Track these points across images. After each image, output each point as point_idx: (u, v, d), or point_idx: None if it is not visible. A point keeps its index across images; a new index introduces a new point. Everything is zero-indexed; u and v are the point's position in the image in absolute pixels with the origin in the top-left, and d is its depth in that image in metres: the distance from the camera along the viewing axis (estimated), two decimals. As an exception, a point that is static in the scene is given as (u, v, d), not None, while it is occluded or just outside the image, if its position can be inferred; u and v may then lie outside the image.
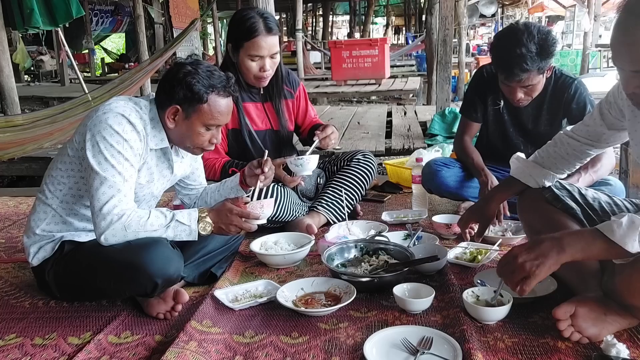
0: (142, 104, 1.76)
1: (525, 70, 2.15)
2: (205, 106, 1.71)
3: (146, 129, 1.73)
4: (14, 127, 4.84)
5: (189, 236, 1.70)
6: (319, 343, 1.56)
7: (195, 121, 1.73)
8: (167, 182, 1.94)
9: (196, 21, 7.31)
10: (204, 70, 1.71)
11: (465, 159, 2.60)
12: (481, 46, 17.92)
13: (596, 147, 1.77)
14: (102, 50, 18.20)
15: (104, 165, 1.63)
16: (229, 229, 1.75)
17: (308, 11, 24.56)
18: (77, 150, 1.72)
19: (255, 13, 2.35)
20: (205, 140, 1.78)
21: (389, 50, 10.89)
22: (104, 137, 1.64)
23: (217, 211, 1.74)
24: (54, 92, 10.44)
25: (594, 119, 1.72)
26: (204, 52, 17.61)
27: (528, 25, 2.20)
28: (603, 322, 1.47)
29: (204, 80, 1.70)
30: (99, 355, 1.54)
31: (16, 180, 5.08)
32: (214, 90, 1.72)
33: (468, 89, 2.72)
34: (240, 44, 2.34)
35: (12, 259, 2.39)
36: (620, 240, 1.31)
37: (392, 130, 5.80)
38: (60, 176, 1.78)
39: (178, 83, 1.69)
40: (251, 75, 2.40)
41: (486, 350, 1.47)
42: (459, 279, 1.93)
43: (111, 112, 1.67)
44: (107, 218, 1.61)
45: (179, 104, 1.71)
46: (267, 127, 2.57)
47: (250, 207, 1.77)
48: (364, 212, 2.81)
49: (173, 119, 1.74)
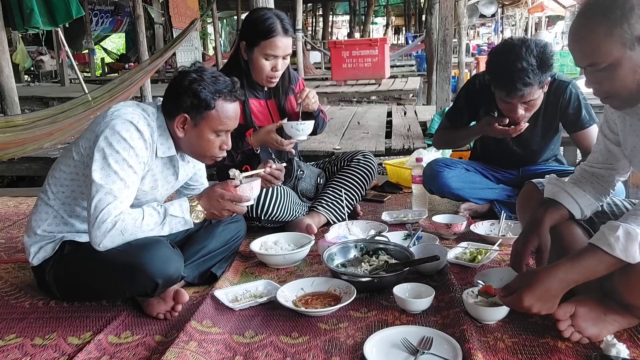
0: (149, 110, 1.77)
1: (527, 85, 2.13)
2: (213, 112, 1.73)
3: (153, 137, 1.74)
4: (14, 127, 4.84)
5: (185, 226, 1.72)
6: (319, 343, 1.56)
7: (204, 128, 1.74)
8: (171, 189, 1.95)
9: (196, 21, 7.30)
10: (208, 76, 1.73)
11: (453, 136, 2.65)
12: (481, 46, 17.92)
13: (619, 168, 1.68)
14: (102, 51, 18.19)
15: (106, 170, 1.63)
16: (221, 213, 1.76)
17: (308, 11, 24.55)
18: (82, 156, 1.73)
19: (273, 14, 2.38)
20: (215, 146, 1.79)
21: (389, 50, 10.87)
22: (110, 143, 1.64)
23: (208, 197, 1.75)
24: (54, 92, 10.43)
25: (600, 141, 1.69)
26: (204, 52, 17.59)
27: (524, 40, 2.18)
28: (603, 322, 1.47)
29: (210, 86, 1.71)
30: (99, 355, 1.55)
31: (16, 180, 5.08)
32: (220, 96, 1.73)
33: (458, 97, 2.69)
34: (257, 42, 2.36)
35: (12, 259, 2.39)
36: (622, 254, 1.32)
37: (392, 130, 5.79)
38: (63, 178, 1.78)
39: (184, 91, 1.70)
40: (263, 75, 2.41)
41: (486, 350, 1.47)
42: (459, 279, 1.93)
43: (119, 118, 1.67)
44: (102, 227, 1.60)
45: (187, 112, 1.72)
46: (269, 123, 2.58)
47: (240, 190, 1.77)
48: (364, 212, 2.81)
49: (182, 128, 1.75)
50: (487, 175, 2.72)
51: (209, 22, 18.04)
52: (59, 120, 5.02)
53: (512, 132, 2.33)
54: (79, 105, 5.37)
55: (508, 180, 2.70)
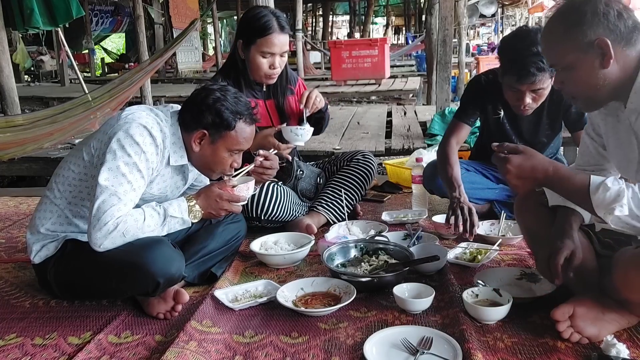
0: (162, 116, 1.78)
1: (541, 70, 2.11)
2: (232, 133, 1.75)
3: (165, 142, 1.75)
4: (14, 127, 4.84)
5: (182, 226, 1.74)
6: (319, 343, 1.56)
7: (220, 146, 1.77)
8: (178, 193, 1.96)
9: (196, 21, 7.30)
10: (231, 96, 1.75)
11: (444, 167, 2.43)
12: (481, 46, 17.92)
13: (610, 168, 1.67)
14: (102, 51, 18.20)
15: (114, 172, 1.63)
16: (219, 213, 1.78)
17: (308, 11, 24.55)
18: (92, 156, 1.73)
19: (269, 12, 2.40)
20: (227, 164, 1.81)
21: (388, 50, 10.87)
22: (122, 145, 1.65)
23: (206, 197, 1.76)
24: (54, 92, 10.43)
25: (588, 144, 1.69)
26: (204, 52, 17.60)
27: (539, 28, 2.16)
28: (602, 322, 1.47)
29: (232, 106, 1.73)
30: (99, 355, 1.55)
31: (16, 180, 5.08)
32: (241, 118, 1.76)
33: (464, 95, 2.68)
34: (253, 40, 2.36)
35: (12, 259, 2.39)
36: (596, 203, 1.38)
37: (392, 130, 5.79)
38: (72, 178, 1.79)
39: (207, 108, 1.72)
40: (261, 73, 2.41)
41: (486, 350, 1.47)
42: (459, 279, 1.93)
43: (134, 122, 1.68)
44: (103, 229, 1.59)
45: (206, 128, 1.74)
46: (268, 124, 2.57)
47: (237, 190, 1.79)
48: (364, 212, 2.81)
49: (199, 143, 1.77)
50: (487, 175, 2.72)
51: (209, 22, 18.05)
52: (59, 120, 5.02)
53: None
54: (79, 105, 5.36)
55: (508, 180, 2.69)
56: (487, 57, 12.30)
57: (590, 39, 1.35)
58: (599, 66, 1.37)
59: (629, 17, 1.36)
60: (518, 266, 2.02)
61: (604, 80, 1.39)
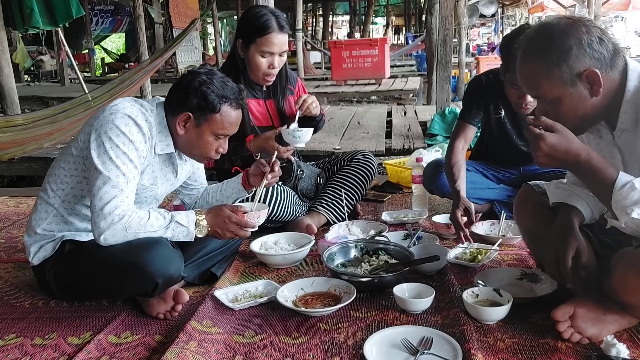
0: (147, 106, 1.77)
1: None
2: (217, 116, 1.74)
3: (152, 132, 1.74)
4: (14, 127, 4.84)
5: (186, 237, 1.72)
6: (319, 343, 1.56)
7: (205, 130, 1.76)
8: (171, 186, 1.96)
9: (196, 21, 7.30)
10: (218, 80, 1.74)
11: (449, 171, 2.44)
12: (481, 46, 17.91)
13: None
14: (102, 50, 18.18)
15: (108, 165, 1.63)
16: (224, 234, 1.77)
17: (308, 11, 24.55)
18: (81, 150, 1.73)
19: (268, 11, 2.40)
20: (212, 149, 1.80)
21: (389, 50, 10.87)
22: (110, 137, 1.65)
23: (215, 215, 1.75)
24: (54, 92, 10.43)
25: None
26: (204, 52, 17.59)
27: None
28: (602, 322, 1.47)
29: (218, 90, 1.73)
30: (99, 355, 1.55)
31: (16, 180, 5.08)
32: (227, 101, 1.74)
33: (466, 96, 2.68)
34: (253, 39, 2.36)
35: (12, 259, 2.39)
36: (616, 199, 1.32)
37: (392, 130, 5.79)
38: (63, 175, 1.79)
39: (193, 91, 1.72)
40: (260, 72, 2.41)
41: (486, 350, 1.47)
42: (459, 279, 1.93)
43: (118, 112, 1.68)
44: (107, 218, 1.61)
45: (191, 111, 1.73)
46: (268, 123, 2.58)
47: (248, 217, 1.78)
48: (364, 212, 2.81)
49: (183, 126, 1.76)
50: (487, 175, 2.72)
51: (209, 22, 18.03)
52: (59, 120, 5.03)
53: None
54: (79, 105, 5.37)
55: (508, 180, 2.70)
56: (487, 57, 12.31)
57: (578, 71, 1.34)
58: (588, 95, 1.37)
59: (609, 41, 1.36)
60: (518, 266, 2.02)
61: (592, 108, 1.39)
